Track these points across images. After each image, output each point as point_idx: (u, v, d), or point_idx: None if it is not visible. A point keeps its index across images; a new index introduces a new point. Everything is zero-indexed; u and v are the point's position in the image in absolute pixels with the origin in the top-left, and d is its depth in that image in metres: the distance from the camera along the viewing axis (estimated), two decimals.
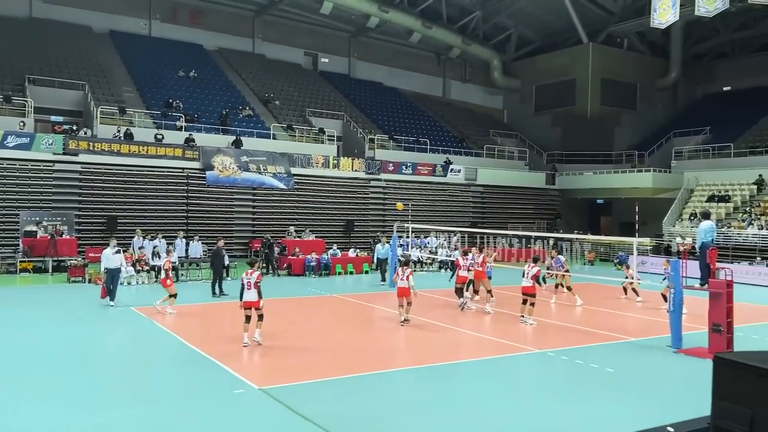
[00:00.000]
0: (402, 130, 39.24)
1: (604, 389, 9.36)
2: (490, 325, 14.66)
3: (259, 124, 33.32)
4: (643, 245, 26.22)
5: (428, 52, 47.64)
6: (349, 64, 45.50)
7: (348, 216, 32.02)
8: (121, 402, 8.20)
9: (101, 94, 30.38)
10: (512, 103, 49.68)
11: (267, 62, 41.49)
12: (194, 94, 34.00)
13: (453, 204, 35.93)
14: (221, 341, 12.04)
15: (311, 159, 31.42)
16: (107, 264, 15.94)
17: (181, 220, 27.51)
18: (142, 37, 37.75)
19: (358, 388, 9.07)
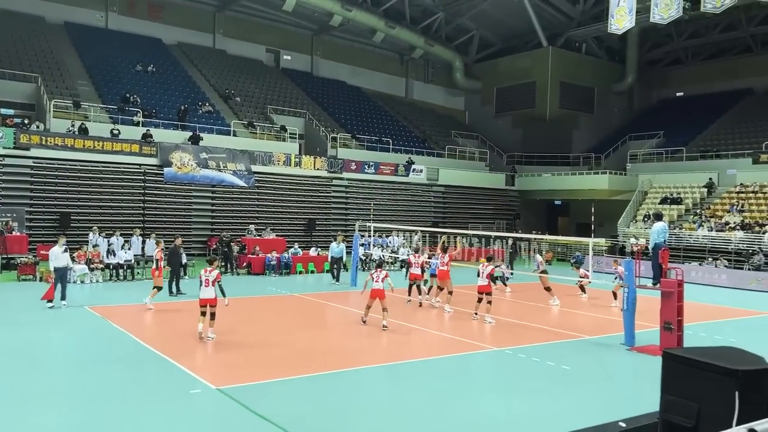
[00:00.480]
0: (365, 130, 39.24)
1: (560, 386, 9.55)
2: (449, 323, 14.79)
3: (219, 120, 32.84)
4: (599, 246, 26.83)
5: (391, 52, 47.75)
6: (311, 62, 45.24)
7: (310, 215, 31.84)
8: (73, 403, 7.97)
9: (55, 87, 29.47)
10: (474, 105, 50.20)
11: (228, 58, 40.92)
12: (152, 89, 33.28)
13: (415, 204, 36.12)
14: (178, 340, 11.83)
15: (272, 157, 31.13)
16: (56, 263, 15.37)
17: (137, 217, 26.92)
18: (98, 30, 36.75)
19: (317, 387, 9.03)
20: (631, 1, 26.97)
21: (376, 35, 43.40)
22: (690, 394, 4.02)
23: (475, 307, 14.78)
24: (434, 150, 40.46)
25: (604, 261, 26.80)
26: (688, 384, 4.05)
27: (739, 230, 28.26)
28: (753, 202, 30.48)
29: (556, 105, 44.46)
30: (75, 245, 21.25)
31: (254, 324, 13.97)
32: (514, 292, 19.71)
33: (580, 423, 5.80)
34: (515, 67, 45.81)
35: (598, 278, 16.20)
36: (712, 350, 4.54)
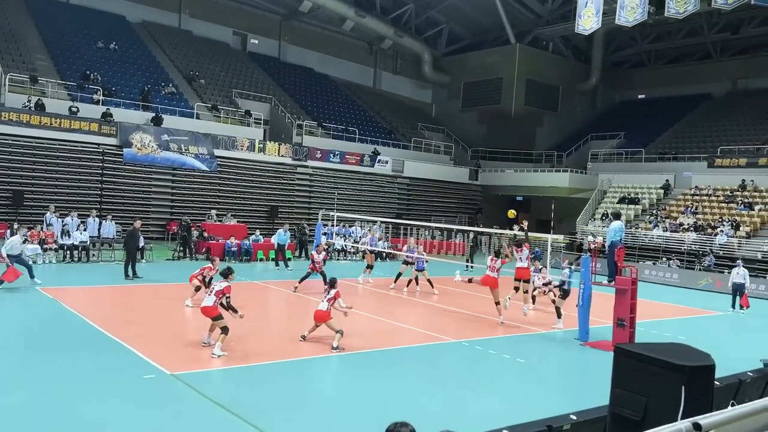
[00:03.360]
0: (331, 118, 39.00)
1: (515, 379, 9.73)
2: (412, 315, 14.86)
3: (183, 102, 32.18)
4: (558, 242, 27.32)
5: (361, 41, 47.50)
6: (279, 48, 44.66)
7: (272, 202, 31.55)
8: (20, 386, 7.73)
9: (11, 61, 28.40)
10: (441, 98, 50.39)
11: (193, 39, 40.06)
12: (114, 67, 32.38)
13: (379, 195, 36.13)
14: (132, 325, 11.61)
15: (236, 141, 30.69)
16: (11, 251, 14.87)
17: (94, 198, 26.23)
18: (59, 3, 35.50)
19: (275, 374, 8.99)
20: (599, 3, 27.40)
21: (345, 23, 43.09)
22: (639, 388, 4.13)
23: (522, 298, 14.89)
24: (400, 141, 40.50)
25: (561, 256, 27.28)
26: (637, 378, 4.17)
27: (692, 231, 29.15)
28: (707, 205, 31.47)
29: (521, 102, 44.95)
30: (28, 224, 20.57)
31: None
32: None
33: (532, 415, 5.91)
34: (483, 62, 46.11)
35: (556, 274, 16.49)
36: (661, 346, 4.68)
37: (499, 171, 40.89)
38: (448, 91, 49.44)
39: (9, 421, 6.61)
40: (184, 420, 7.05)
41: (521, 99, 44.94)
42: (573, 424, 5.08)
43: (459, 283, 14.64)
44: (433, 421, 5.77)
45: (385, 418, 3.58)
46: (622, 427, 4.22)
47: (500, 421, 5.46)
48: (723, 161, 33.60)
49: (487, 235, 31.24)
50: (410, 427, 3.32)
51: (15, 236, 15.48)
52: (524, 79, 44.84)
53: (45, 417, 6.80)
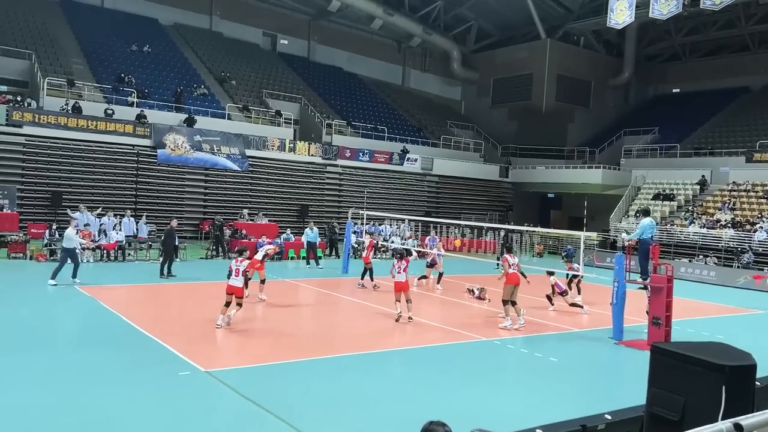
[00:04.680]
0: (360, 117, 39.10)
1: (547, 378, 9.62)
2: (441, 313, 14.81)
3: (214, 103, 32.63)
4: (591, 240, 26.95)
5: (389, 40, 47.51)
6: (308, 47, 44.95)
7: (303, 201, 31.78)
8: (59, 382, 7.95)
9: (49, 65, 29.17)
10: (470, 95, 50.10)
11: (224, 41, 40.59)
12: (147, 69, 33.01)
13: (408, 193, 36.11)
14: (168, 323, 11.83)
15: (267, 141, 31.00)
16: (68, 244, 15.30)
17: (129, 198, 26.79)
18: (94, 8, 36.35)
19: (308, 372, 9.06)
20: None
21: (374, 22, 43.15)
22: (677, 387, 4.06)
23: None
24: (429, 139, 40.40)
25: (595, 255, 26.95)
26: (675, 378, 4.09)
27: (729, 228, 28.44)
28: (744, 201, 30.67)
29: (552, 98, 44.43)
30: (65, 225, 21.10)
31: (245, 309, 13.96)
32: None
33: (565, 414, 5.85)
34: (513, 58, 45.68)
35: (590, 272, 16.27)
36: (700, 346, 4.59)
37: (529, 168, 40.48)
38: (477, 87, 49.13)
39: (48, 414, 6.80)
40: (218, 416, 7.16)
41: (552, 95, 44.42)
42: (608, 424, 5.02)
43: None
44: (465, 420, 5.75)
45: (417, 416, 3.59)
46: (659, 427, 4.15)
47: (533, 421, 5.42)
48: (762, 156, 32.70)
49: (518, 232, 30.96)
50: (446, 427, 3.31)
51: (69, 228, 15.68)
52: (555, 74, 44.30)
53: (82, 412, 6.97)
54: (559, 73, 44.45)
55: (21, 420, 6.61)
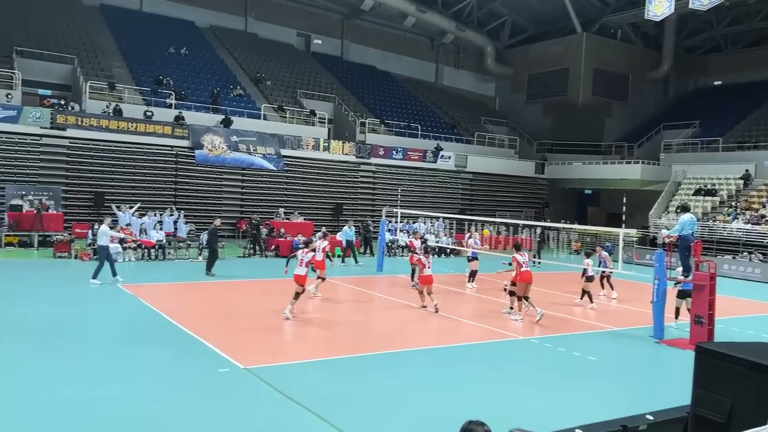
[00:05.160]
0: (393, 115, 39.11)
1: (585, 377, 9.50)
2: (480, 311, 14.74)
3: (250, 104, 33.06)
4: (630, 236, 26.44)
5: (422, 37, 47.38)
6: (342, 47, 45.15)
7: (337, 199, 31.97)
8: (102, 378, 8.17)
9: (90, 69, 29.97)
10: (504, 91, 49.63)
11: (259, 42, 41.07)
12: (185, 71, 33.63)
13: (442, 190, 35.98)
14: (207, 320, 12.05)
15: (302, 141, 31.28)
16: (104, 241, 15.68)
17: (169, 198, 27.34)
18: (133, 12, 37.19)
19: (344, 370, 9.13)
20: None
21: (407, 20, 43.09)
22: (723, 389, 3.97)
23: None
24: (463, 136, 40.18)
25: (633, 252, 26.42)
26: (721, 379, 4.00)
27: None
28: None
29: (588, 92, 43.70)
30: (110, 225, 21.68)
31: (283, 306, 14.13)
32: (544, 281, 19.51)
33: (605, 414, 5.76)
34: (548, 53, 45.08)
35: (629, 269, 15.97)
36: (746, 346, 4.47)
37: (566, 164, 39.92)
38: (511, 83, 48.64)
39: (91, 410, 7.00)
40: (257, 413, 7.27)
41: (588, 89, 43.69)
42: (650, 425, 4.92)
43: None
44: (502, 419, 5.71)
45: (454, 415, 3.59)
46: (705, 429, 4.06)
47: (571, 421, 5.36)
48: None
49: (555, 229, 30.57)
50: (486, 426, 3.31)
51: (104, 226, 15.93)
52: (591, 68, 43.57)
53: (123, 407, 7.15)
54: (595, 67, 43.69)
55: (69, 413, 6.82)
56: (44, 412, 6.83)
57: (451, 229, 29.84)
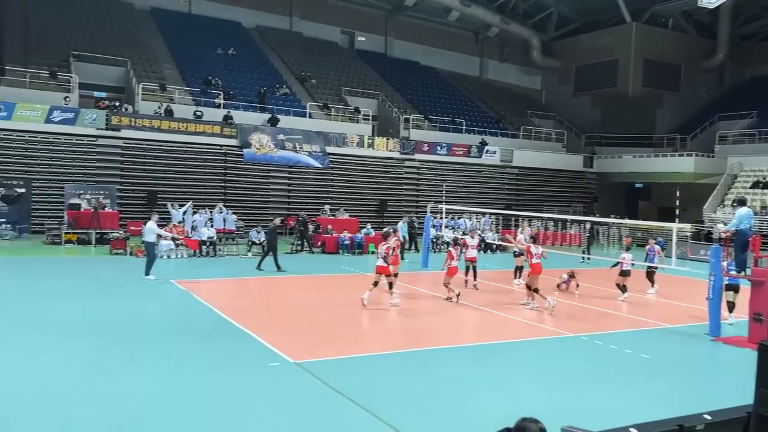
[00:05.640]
0: (437, 110, 38.98)
1: (638, 375, 9.30)
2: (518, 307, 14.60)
3: (296, 102, 33.50)
4: (684, 231, 25.69)
5: (466, 31, 47.02)
6: (385, 43, 45.22)
7: (382, 195, 32.10)
8: (156, 370, 8.44)
9: (143, 71, 30.90)
10: (551, 84, 48.79)
11: (304, 40, 41.52)
12: (232, 71, 34.31)
13: (488, 186, 35.68)
14: (257, 315, 12.31)
15: (346, 138, 31.53)
16: (150, 238, 16.12)
17: (218, 195, 27.99)
18: (182, 14, 38.15)
19: (393, 365, 9.20)
20: None
21: (451, 14, 42.82)
22: None
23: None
24: (509, 131, 39.73)
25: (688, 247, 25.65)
26: None
27: None
28: None
29: (639, 83, 42.55)
30: (162, 223, 22.36)
31: (331, 302, 14.32)
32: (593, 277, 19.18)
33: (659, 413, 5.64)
34: (596, 44, 44.08)
35: (683, 265, 15.53)
36: None
37: (615, 157, 39.03)
38: (558, 76, 47.78)
39: (145, 403, 7.26)
40: (307, 407, 7.40)
41: (639, 80, 42.55)
42: (707, 425, 4.81)
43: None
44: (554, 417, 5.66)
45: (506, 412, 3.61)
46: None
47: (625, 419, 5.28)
48: None
49: (605, 225, 29.92)
50: (540, 423, 3.31)
51: (150, 222, 16.33)
52: (642, 59, 42.41)
53: (176, 400, 7.38)
54: (646, 58, 42.50)
55: (124, 403, 7.10)
56: (98, 402, 7.12)
57: (497, 224, 29.57)
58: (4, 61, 27.43)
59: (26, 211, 23.90)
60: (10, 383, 7.67)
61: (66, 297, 13.37)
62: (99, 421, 6.58)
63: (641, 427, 4.70)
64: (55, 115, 25.26)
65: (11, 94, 25.46)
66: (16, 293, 13.67)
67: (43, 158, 25.26)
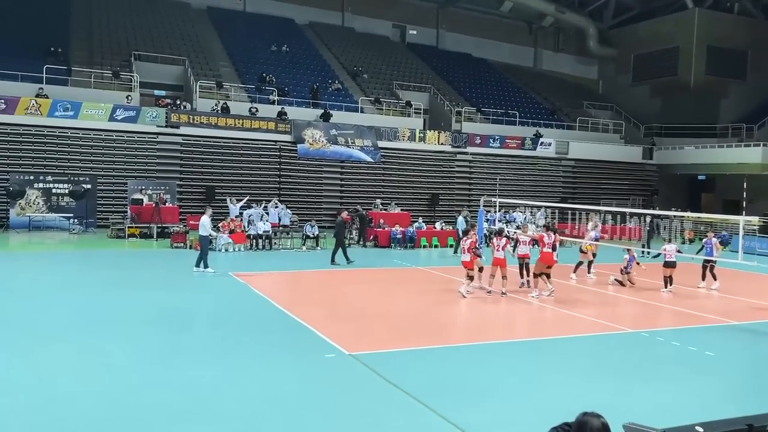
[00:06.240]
0: (490, 102, 38.50)
1: (704, 372, 8.97)
2: (584, 303, 14.31)
3: (348, 97, 33.71)
4: (751, 224, 24.60)
5: (519, 22, 46.24)
6: (437, 36, 44.94)
7: (433, 189, 31.99)
8: (216, 361, 8.67)
9: (200, 69, 31.72)
10: (608, 74, 47.47)
11: (356, 35, 41.71)
12: (286, 68, 34.80)
13: (542, 179, 35.06)
14: (313, 307, 12.49)
15: (398, 132, 31.54)
16: (204, 231, 16.51)
17: (273, 190, 28.50)
18: (237, 13, 38.93)
19: (449, 357, 9.18)
20: None
21: (503, 5, 42.18)
22: None
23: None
24: (564, 122, 38.90)
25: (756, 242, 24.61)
26: None
27: None
28: None
29: (701, 71, 40.89)
30: (220, 217, 23.03)
31: (384, 295, 14.39)
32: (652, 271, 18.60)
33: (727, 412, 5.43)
34: (656, 31, 42.58)
35: (750, 260, 14.87)
36: None
37: (677, 148, 37.68)
38: (616, 65, 46.44)
39: (204, 392, 7.47)
40: (361, 398, 7.46)
41: (701, 68, 40.89)
42: None
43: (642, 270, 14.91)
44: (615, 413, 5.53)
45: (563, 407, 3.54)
46: None
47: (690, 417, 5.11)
48: None
49: (666, 218, 28.95)
50: (602, 418, 3.25)
51: (204, 216, 16.74)
52: (704, 46, 40.72)
53: (234, 390, 7.56)
54: (709, 45, 40.78)
55: (183, 391, 7.34)
56: (157, 389, 7.38)
57: (553, 218, 29.04)
58: (70, 63, 28.65)
59: (92, 207, 24.96)
60: (84, 372, 8.04)
61: (130, 289, 13.88)
62: (164, 408, 6.82)
63: (708, 425, 4.53)
64: (118, 113, 26.23)
65: (77, 94, 26.58)
66: (84, 285, 14.29)
67: (107, 155, 26.30)
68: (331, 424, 6.63)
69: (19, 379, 7.58)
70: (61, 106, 25.35)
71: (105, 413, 6.61)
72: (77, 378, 7.69)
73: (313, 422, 6.62)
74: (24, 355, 8.58)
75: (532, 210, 28.51)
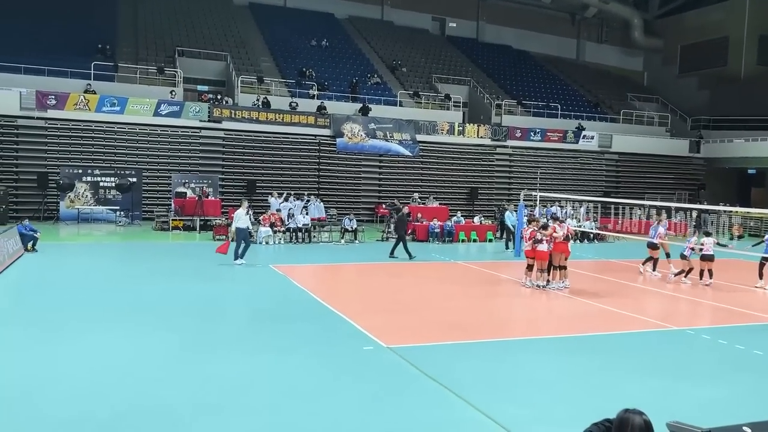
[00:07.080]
0: (531, 95, 37.96)
1: (753, 372, 8.69)
2: (623, 298, 14.02)
3: (387, 91, 33.70)
4: None
5: (562, 13, 45.41)
6: (477, 28, 44.51)
7: (472, 183, 31.76)
8: (254, 352, 8.78)
9: (241, 65, 32.17)
10: (653, 65, 46.25)
11: (395, 29, 41.64)
12: (326, 62, 35.00)
13: (584, 172, 34.43)
14: (352, 300, 12.57)
15: (436, 126, 31.39)
16: (239, 224, 16.80)
17: (313, 184, 28.76)
18: (278, 8, 39.33)
19: (486, 352, 9.12)
20: None
21: None
22: None
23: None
24: (607, 115, 38.09)
25: None
26: None
27: None
28: None
29: (753, 62, 39.47)
30: (261, 210, 23.37)
31: (422, 289, 14.37)
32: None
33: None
34: (704, 21, 41.26)
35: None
36: None
37: (726, 141, 36.48)
38: (661, 56, 45.22)
39: (241, 382, 7.60)
40: (399, 391, 7.47)
41: (753, 58, 39.47)
42: None
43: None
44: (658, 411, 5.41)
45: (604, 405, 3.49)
46: None
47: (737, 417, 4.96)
48: None
49: (714, 213, 28.11)
50: (644, 415, 3.19)
51: (240, 210, 16.95)
52: (756, 35, 39.29)
53: (272, 380, 7.67)
54: (762, 34, 39.32)
55: (226, 382, 7.48)
56: (193, 380, 7.52)
57: (595, 213, 28.53)
58: (117, 59, 29.42)
59: (138, 199, 25.64)
60: (127, 361, 8.28)
61: (172, 280, 14.22)
62: (197, 399, 6.97)
63: (756, 426, 4.40)
64: (163, 108, 26.83)
65: (123, 90, 27.30)
66: (130, 276, 14.70)
67: (151, 149, 26.95)
68: (366, 416, 6.66)
69: (61, 367, 7.84)
70: (108, 102, 26.08)
71: (134, 403, 6.76)
72: (114, 367, 7.89)
73: (348, 414, 6.67)
74: (69, 342, 8.88)
75: (574, 204, 28.02)
